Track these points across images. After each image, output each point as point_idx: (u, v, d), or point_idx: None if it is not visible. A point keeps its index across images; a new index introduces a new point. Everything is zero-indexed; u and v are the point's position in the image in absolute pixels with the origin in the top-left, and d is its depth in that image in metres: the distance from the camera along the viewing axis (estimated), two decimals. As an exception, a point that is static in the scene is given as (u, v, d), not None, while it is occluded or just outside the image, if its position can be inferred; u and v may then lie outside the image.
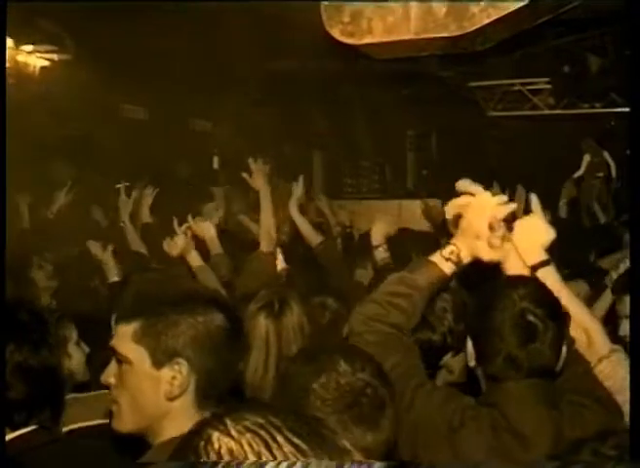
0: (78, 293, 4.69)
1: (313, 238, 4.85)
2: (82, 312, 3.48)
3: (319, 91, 9.03)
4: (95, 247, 4.80)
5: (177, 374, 1.91)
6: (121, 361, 1.95)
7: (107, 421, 2.12)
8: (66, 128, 8.20)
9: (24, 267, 4.97)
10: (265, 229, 4.50)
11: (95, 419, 2.72)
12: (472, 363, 2.28)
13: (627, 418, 2.24)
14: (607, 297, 4.00)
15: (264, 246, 4.45)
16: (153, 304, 1.99)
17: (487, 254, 2.38)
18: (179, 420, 1.92)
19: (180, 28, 6.63)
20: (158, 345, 1.92)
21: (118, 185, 5.96)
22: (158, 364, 1.92)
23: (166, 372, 1.91)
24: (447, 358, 2.77)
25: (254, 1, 5.88)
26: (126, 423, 1.98)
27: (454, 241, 2.38)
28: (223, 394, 1.97)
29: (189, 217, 4.56)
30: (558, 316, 2.23)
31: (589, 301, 4.75)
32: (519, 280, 2.33)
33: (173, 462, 1.13)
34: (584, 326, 2.49)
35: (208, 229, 4.54)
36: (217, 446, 1.10)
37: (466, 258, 2.38)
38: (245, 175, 4.73)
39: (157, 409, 1.94)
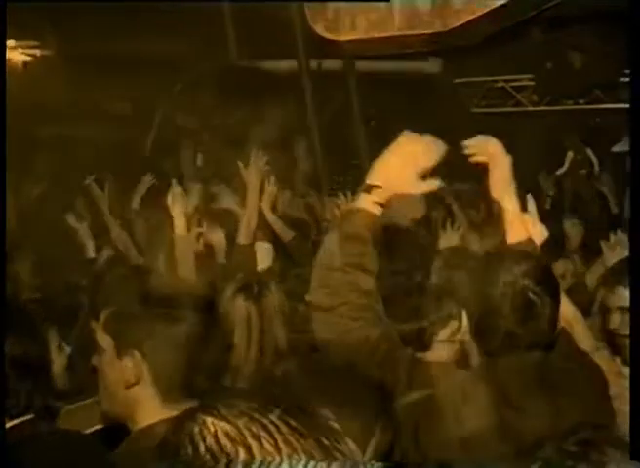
0: (61, 290, 4.70)
1: (286, 234, 5.00)
2: (64, 310, 3.49)
3: (308, 88, 9.01)
4: (71, 219, 4.95)
5: (132, 364, 2.05)
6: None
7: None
8: (49, 123, 8.15)
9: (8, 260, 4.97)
10: (246, 222, 4.53)
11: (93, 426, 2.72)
12: (467, 337, 2.28)
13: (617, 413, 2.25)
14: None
15: (243, 238, 4.48)
16: (122, 297, 2.21)
17: (415, 188, 2.37)
18: (146, 410, 2.07)
19: (165, 26, 6.62)
20: (120, 335, 2.09)
21: (86, 182, 5.93)
22: (119, 353, 2.07)
23: (125, 361, 2.05)
24: None
25: (252, 1, 5.87)
26: (103, 407, 2.18)
27: (375, 182, 2.37)
28: (194, 387, 2.05)
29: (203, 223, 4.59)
30: (555, 292, 2.25)
31: (577, 278, 4.80)
32: (520, 256, 2.34)
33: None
34: (569, 320, 2.50)
35: (220, 238, 4.56)
36: (212, 429, 1.09)
37: (391, 197, 2.37)
38: (240, 163, 4.75)
39: (121, 397, 2.09)
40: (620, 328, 3.01)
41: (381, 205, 2.35)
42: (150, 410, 2.05)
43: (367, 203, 2.35)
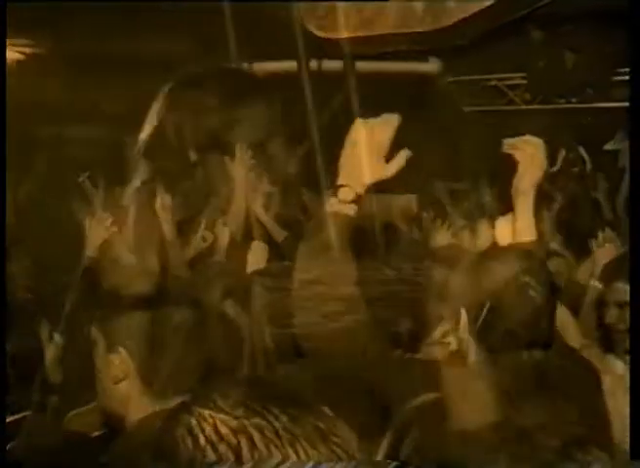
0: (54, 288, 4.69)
1: (278, 234, 4.97)
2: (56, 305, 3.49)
3: (308, 88, 8.99)
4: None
5: (119, 361, 2.18)
6: None
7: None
8: (43, 122, 8.12)
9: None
10: (232, 217, 4.52)
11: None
12: (465, 335, 2.28)
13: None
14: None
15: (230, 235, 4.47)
16: (109, 297, 2.34)
17: (384, 172, 2.36)
18: (137, 405, 2.17)
19: (163, 26, 6.60)
20: (108, 333, 2.22)
21: (80, 179, 5.91)
22: (108, 350, 2.21)
23: (113, 358, 2.19)
24: None
25: (250, 1, 5.86)
26: (99, 402, 2.32)
27: (343, 181, 2.35)
28: (184, 385, 2.10)
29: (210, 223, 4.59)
30: (553, 290, 2.26)
31: (568, 275, 4.82)
32: (521, 255, 2.35)
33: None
34: (559, 318, 2.52)
35: (224, 235, 4.56)
36: (211, 421, 1.09)
37: (363, 191, 2.36)
38: (227, 158, 4.73)
39: (111, 391, 2.22)
40: (617, 322, 3.04)
41: (354, 202, 2.33)
42: (141, 405, 2.12)
43: (337, 206, 2.33)
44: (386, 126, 2.34)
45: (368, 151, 2.29)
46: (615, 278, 3.10)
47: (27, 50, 7.77)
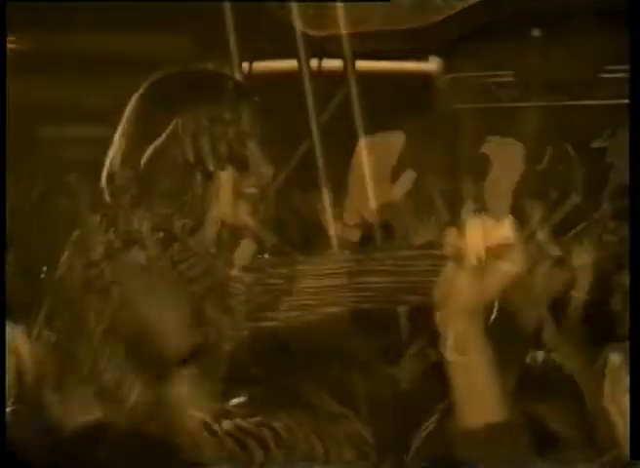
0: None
1: (267, 238, 4.95)
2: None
3: (308, 88, 9.00)
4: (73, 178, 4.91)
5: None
6: None
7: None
8: (36, 121, 8.11)
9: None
10: (218, 218, 4.51)
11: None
12: (452, 357, 2.21)
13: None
14: None
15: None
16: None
17: (394, 194, 2.35)
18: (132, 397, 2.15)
19: (163, 25, 6.61)
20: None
21: (68, 178, 5.90)
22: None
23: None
24: None
25: (250, 1, 5.87)
26: (98, 390, 2.30)
27: (349, 205, 2.34)
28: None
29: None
30: (539, 293, 2.27)
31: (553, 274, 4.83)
32: (507, 256, 2.34)
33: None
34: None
35: (209, 231, 4.54)
36: (230, 415, 1.10)
37: (369, 215, 2.35)
38: (214, 160, 4.70)
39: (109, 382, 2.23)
40: (622, 310, 3.04)
41: (359, 226, 2.33)
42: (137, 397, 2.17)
43: (342, 229, 2.34)
44: (391, 145, 2.32)
45: (373, 173, 2.27)
46: (623, 265, 3.11)
47: (14, 46, 7.76)
